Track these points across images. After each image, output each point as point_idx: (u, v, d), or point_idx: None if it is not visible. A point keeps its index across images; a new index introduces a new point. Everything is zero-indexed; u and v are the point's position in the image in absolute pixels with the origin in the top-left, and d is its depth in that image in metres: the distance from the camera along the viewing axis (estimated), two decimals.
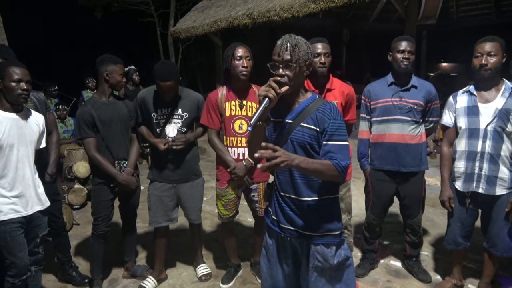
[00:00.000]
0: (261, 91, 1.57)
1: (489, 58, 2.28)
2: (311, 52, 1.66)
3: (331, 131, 1.60)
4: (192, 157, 2.80)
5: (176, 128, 2.71)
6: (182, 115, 2.71)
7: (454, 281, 2.67)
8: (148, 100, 2.70)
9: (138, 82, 6.54)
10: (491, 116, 2.32)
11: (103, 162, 2.61)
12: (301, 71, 1.63)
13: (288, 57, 1.58)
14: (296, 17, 5.44)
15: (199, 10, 8.19)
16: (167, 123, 2.69)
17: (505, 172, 2.33)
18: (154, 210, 2.79)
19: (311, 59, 1.66)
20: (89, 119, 2.60)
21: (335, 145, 1.59)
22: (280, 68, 1.59)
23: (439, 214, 4.00)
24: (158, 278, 2.92)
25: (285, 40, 1.60)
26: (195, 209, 2.87)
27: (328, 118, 1.60)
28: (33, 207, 2.25)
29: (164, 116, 2.69)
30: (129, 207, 2.91)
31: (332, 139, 1.60)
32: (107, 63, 2.62)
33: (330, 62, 2.56)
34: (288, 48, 1.58)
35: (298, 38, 1.63)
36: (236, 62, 2.49)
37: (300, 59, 1.60)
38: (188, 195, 2.81)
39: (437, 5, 8.09)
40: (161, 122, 2.70)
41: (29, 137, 2.23)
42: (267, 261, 1.87)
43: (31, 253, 2.29)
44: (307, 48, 1.64)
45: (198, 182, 2.87)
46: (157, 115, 2.69)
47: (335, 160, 1.57)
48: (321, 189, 1.68)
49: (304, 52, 1.61)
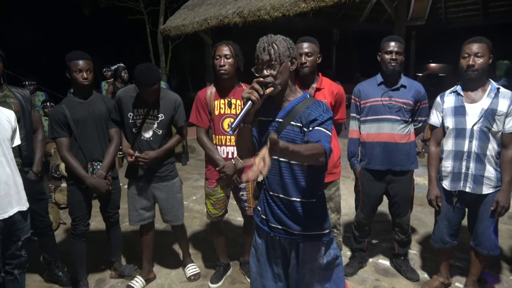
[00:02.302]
0: (244, 94, 1.57)
1: (476, 59, 2.30)
2: (292, 47, 1.64)
3: (319, 120, 1.56)
4: (166, 158, 2.74)
5: (152, 130, 2.66)
6: (158, 116, 2.66)
7: (441, 280, 2.70)
8: (125, 99, 2.65)
9: (127, 80, 6.47)
10: (477, 116, 2.35)
11: (73, 163, 2.56)
12: (285, 67, 1.61)
13: (267, 57, 1.58)
14: (286, 16, 5.43)
15: (189, 8, 8.12)
16: (143, 123, 2.64)
17: (491, 172, 2.36)
18: (131, 209, 2.78)
19: (294, 54, 1.64)
20: (62, 119, 2.55)
21: (321, 131, 1.54)
22: (264, 69, 1.59)
23: (427, 213, 4.04)
24: (147, 278, 2.89)
25: (261, 42, 1.61)
26: (171, 210, 2.79)
27: (315, 113, 1.58)
28: (13, 208, 2.13)
29: (140, 117, 2.64)
30: (108, 207, 2.84)
31: (320, 126, 1.55)
32: (69, 60, 2.53)
33: (313, 62, 2.52)
34: (266, 48, 1.58)
35: (276, 36, 1.63)
36: (216, 61, 2.49)
37: (281, 56, 1.59)
38: (163, 196, 2.76)
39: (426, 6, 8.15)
40: (137, 122, 2.65)
41: (1, 135, 2.11)
42: (257, 261, 1.86)
43: (13, 256, 2.22)
44: (287, 44, 1.62)
45: (173, 182, 2.79)
46: (133, 115, 2.64)
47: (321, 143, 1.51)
48: (309, 189, 1.68)
49: (284, 48, 1.60)
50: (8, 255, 2.21)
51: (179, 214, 2.84)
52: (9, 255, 2.21)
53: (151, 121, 2.65)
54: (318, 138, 1.52)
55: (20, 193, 2.19)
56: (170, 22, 8.16)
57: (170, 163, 2.78)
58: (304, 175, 1.66)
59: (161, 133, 2.68)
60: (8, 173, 2.11)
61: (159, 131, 2.67)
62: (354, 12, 9.87)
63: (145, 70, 2.46)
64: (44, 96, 6.04)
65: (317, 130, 1.55)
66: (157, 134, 2.67)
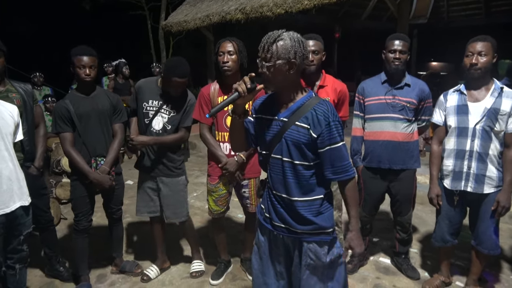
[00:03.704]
0: (235, 85, 1.58)
1: (480, 58, 2.30)
2: (298, 49, 1.53)
3: (332, 134, 1.57)
4: (176, 153, 2.75)
5: (162, 123, 2.67)
6: (170, 111, 2.68)
7: (442, 278, 2.71)
8: (143, 89, 2.69)
9: (128, 75, 6.47)
10: (480, 115, 2.34)
11: (77, 158, 2.55)
12: (279, 69, 1.53)
13: (263, 55, 1.54)
14: (289, 13, 5.43)
15: (191, 3, 8.10)
16: (155, 115, 2.66)
17: (493, 171, 2.36)
18: (139, 199, 2.82)
19: (298, 58, 1.54)
20: (65, 114, 2.55)
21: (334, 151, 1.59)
22: (260, 66, 1.58)
23: (428, 211, 4.04)
24: (162, 267, 2.94)
25: (266, 37, 1.55)
26: (170, 206, 2.77)
27: (325, 120, 1.56)
28: (15, 203, 2.13)
29: (154, 108, 2.67)
30: (111, 203, 2.84)
31: (332, 143, 1.57)
32: (74, 55, 2.52)
33: (319, 60, 2.52)
34: (265, 45, 1.54)
35: (284, 34, 1.54)
36: (219, 57, 2.49)
37: (275, 57, 1.52)
38: (165, 191, 2.76)
39: (428, 4, 8.13)
40: (150, 113, 2.67)
41: (4, 129, 2.11)
42: (259, 258, 1.86)
43: (15, 251, 2.23)
44: (292, 45, 1.52)
45: (178, 180, 2.77)
46: (147, 105, 2.67)
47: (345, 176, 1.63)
48: (312, 189, 1.66)
49: (285, 50, 1.51)
50: (10, 250, 2.21)
51: (179, 212, 2.80)
52: (10, 250, 2.21)
53: (163, 115, 2.67)
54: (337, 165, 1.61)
55: (22, 188, 2.19)
56: (172, 18, 8.15)
57: (178, 159, 2.78)
58: (309, 175, 1.65)
59: (170, 128, 2.69)
60: (10, 168, 2.11)
61: (168, 126, 2.68)
62: (356, 10, 9.85)
63: (178, 61, 2.53)
64: (50, 91, 6.02)
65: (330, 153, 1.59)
66: (166, 128, 2.68)
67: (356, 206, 1.69)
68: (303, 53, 1.56)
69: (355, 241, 1.70)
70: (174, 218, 2.82)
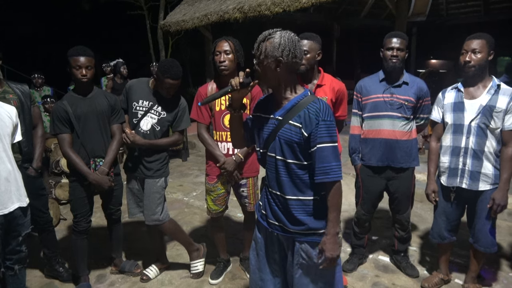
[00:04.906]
0: (231, 79, 1.62)
1: (473, 55, 2.30)
2: (287, 49, 1.54)
3: (320, 133, 1.55)
4: (159, 156, 2.72)
5: (151, 123, 2.67)
6: (160, 112, 2.67)
7: (441, 276, 2.71)
8: (134, 89, 2.69)
9: (126, 75, 6.45)
10: (475, 112, 2.35)
11: (75, 159, 2.55)
12: (267, 68, 1.57)
13: (256, 54, 1.59)
14: (287, 11, 5.41)
15: (189, 3, 8.08)
16: (144, 115, 2.66)
17: (488, 168, 2.36)
18: (129, 201, 2.84)
19: (286, 57, 1.54)
20: (63, 115, 2.54)
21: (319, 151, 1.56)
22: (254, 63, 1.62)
23: (427, 209, 4.05)
24: (161, 267, 2.95)
25: (259, 36, 1.59)
26: (145, 207, 2.72)
27: (316, 119, 1.55)
28: (13, 203, 2.13)
29: (144, 108, 2.66)
30: (111, 204, 2.83)
31: (322, 141, 1.55)
32: (70, 55, 2.51)
33: (309, 60, 2.48)
34: (256, 45, 1.59)
35: (275, 33, 1.56)
36: (216, 57, 2.49)
37: (263, 55, 1.56)
38: (145, 191, 2.72)
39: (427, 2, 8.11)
40: (139, 113, 2.66)
41: (2, 130, 2.10)
42: (256, 255, 1.87)
43: (14, 252, 2.22)
44: (279, 45, 1.53)
45: (156, 181, 2.70)
46: (137, 105, 2.66)
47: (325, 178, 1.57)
48: (306, 189, 1.66)
49: (272, 49, 1.53)
50: (9, 251, 2.21)
51: (150, 214, 2.69)
52: (9, 251, 2.21)
53: (152, 116, 2.66)
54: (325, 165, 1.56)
55: (20, 189, 2.19)
56: (170, 17, 8.13)
57: (159, 161, 2.72)
58: (302, 174, 1.64)
59: (159, 129, 2.68)
60: (9, 169, 2.11)
61: (157, 127, 2.67)
62: (355, 8, 9.83)
63: (171, 63, 2.52)
64: (51, 91, 6.00)
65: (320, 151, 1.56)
66: (155, 129, 2.67)
67: (336, 211, 1.61)
68: (293, 52, 1.55)
69: (327, 246, 1.61)
70: (145, 218, 2.75)
